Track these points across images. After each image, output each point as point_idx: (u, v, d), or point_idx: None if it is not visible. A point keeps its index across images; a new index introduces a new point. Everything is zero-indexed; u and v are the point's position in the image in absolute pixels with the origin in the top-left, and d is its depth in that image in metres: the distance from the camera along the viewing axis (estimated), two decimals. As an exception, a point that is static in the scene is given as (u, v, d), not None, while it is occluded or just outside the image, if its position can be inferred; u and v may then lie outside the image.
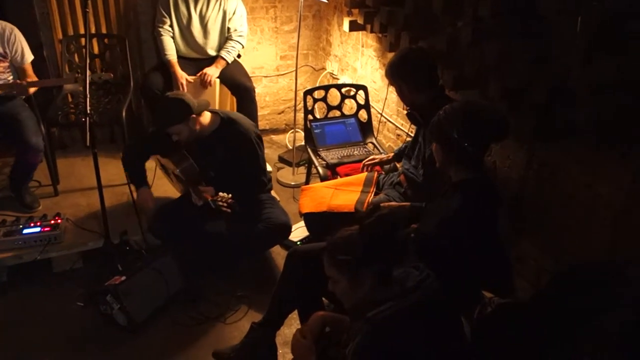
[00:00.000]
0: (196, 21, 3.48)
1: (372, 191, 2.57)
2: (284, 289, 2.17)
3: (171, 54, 3.47)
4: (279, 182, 3.74)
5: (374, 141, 3.24)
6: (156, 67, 3.58)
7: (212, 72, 3.46)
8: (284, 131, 4.57)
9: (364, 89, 3.36)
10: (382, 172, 2.76)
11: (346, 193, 2.57)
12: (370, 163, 2.81)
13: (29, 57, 2.98)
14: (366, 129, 3.31)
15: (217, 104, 3.64)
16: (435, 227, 1.86)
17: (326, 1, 3.68)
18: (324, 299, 2.19)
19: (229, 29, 3.54)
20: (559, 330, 1.32)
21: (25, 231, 2.72)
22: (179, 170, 2.62)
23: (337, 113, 3.40)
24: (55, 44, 3.58)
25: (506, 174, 2.35)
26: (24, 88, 2.87)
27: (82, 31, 3.58)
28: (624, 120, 1.63)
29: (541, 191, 2.16)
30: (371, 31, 3.09)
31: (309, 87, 3.94)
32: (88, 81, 2.46)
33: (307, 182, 3.43)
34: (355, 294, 1.49)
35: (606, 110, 1.63)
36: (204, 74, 3.45)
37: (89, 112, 2.39)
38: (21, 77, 2.98)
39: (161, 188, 3.21)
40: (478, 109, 1.84)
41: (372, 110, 3.39)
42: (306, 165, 3.54)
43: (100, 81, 2.84)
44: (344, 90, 3.45)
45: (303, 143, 3.43)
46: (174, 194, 2.99)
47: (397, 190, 2.51)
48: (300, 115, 3.58)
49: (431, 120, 1.90)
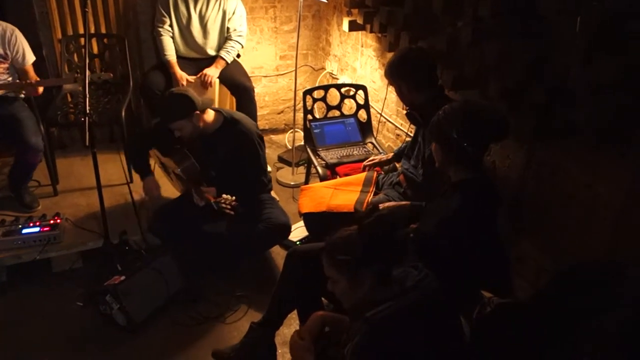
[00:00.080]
0: (196, 21, 3.47)
1: (372, 191, 2.57)
2: (284, 289, 2.17)
3: (171, 54, 3.46)
4: (279, 182, 3.74)
5: (373, 141, 3.24)
6: (156, 67, 3.58)
7: (212, 73, 3.46)
8: (284, 131, 4.57)
9: (364, 88, 3.35)
10: (381, 172, 2.76)
11: (345, 193, 2.57)
12: (370, 164, 2.81)
13: (30, 58, 2.97)
14: (366, 128, 3.31)
15: (217, 104, 3.64)
16: (434, 227, 1.86)
17: (326, 1, 3.68)
18: (323, 298, 2.20)
19: (228, 28, 3.54)
20: (558, 330, 1.32)
21: (25, 231, 2.72)
22: (180, 169, 2.62)
23: (337, 113, 3.40)
24: (55, 43, 3.58)
25: (506, 174, 2.35)
26: (33, 87, 2.85)
27: (81, 31, 3.58)
28: (624, 120, 1.63)
29: (541, 191, 2.16)
30: (371, 31, 3.09)
31: (308, 87, 3.94)
32: (87, 81, 2.46)
33: (306, 182, 3.43)
34: (354, 294, 1.49)
35: (606, 110, 1.63)
36: (203, 75, 3.45)
37: (88, 112, 2.40)
38: (23, 78, 2.96)
39: (161, 188, 3.20)
40: (477, 109, 1.84)
41: (371, 110, 3.39)
42: (305, 165, 3.54)
43: (99, 81, 2.84)
44: (343, 90, 3.44)
45: (302, 143, 3.43)
46: (173, 193, 2.99)
47: (396, 190, 2.51)
48: (300, 115, 3.58)
49: (431, 120, 1.90)
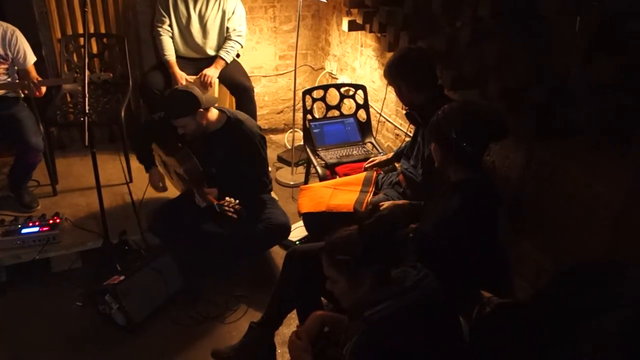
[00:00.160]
0: (195, 21, 3.47)
1: (371, 191, 2.57)
2: (283, 289, 2.17)
3: (170, 54, 3.46)
4: (278, 182, 3.74)
5: (372, 141, 3.24)
6: (155, 67, 3.57)
7: (211, 73, 3.46)
8: (283, 131, 4.56)
9: (363, 88, 3.35)
10: (381, 172, 2.75)
11: (345, 193, 2.57)
12: (370, 165, 2.81)
13: (31, 58, 2.97)
14: (365, 128, 3.30)
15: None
16: (434, 226, 1.86)
17: (325, 1, 3.67)
18: (322, 298, 2.19)
19: (228, 28, 3.54)
20: (558, 330, 1.32)
21: (24, 231, 2.72)
22: (182, 169, 2.61)
23: (336, 113, 3.40)
24: (54, 43, 3.58)
25: (505, 174, 2.34)
26: (35, 88, 2.84)
27: (80, 31, 3.57)
28: (624, 120, 1.62)
29: (541, 191, 2.16)
30: (370, 31, 3.09)
31: (307, 87, 3.93)
32: (87, 81, 2.46)
33: (306, 182, 3.43)
34: (354, 293, 1.49)
35: (606, 110, 1.63)
36: (203, 75, 3.44)
37: (87, 111, 2.39)
38: (24, 78, 2.95)
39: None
40: (477, 109, 1.84)
41: (371, 110, 3.39)
42: (305, 165, 3.54)
43: (99, 81, 2.84)
44: (342, 90, 3.44)
45: (302, 143, 3.42)
46: (173, 193, 2.99)
47: (396, 190, 2.51)
48: (299, 115, 3.58)
49: (430, 120, 1.90)
